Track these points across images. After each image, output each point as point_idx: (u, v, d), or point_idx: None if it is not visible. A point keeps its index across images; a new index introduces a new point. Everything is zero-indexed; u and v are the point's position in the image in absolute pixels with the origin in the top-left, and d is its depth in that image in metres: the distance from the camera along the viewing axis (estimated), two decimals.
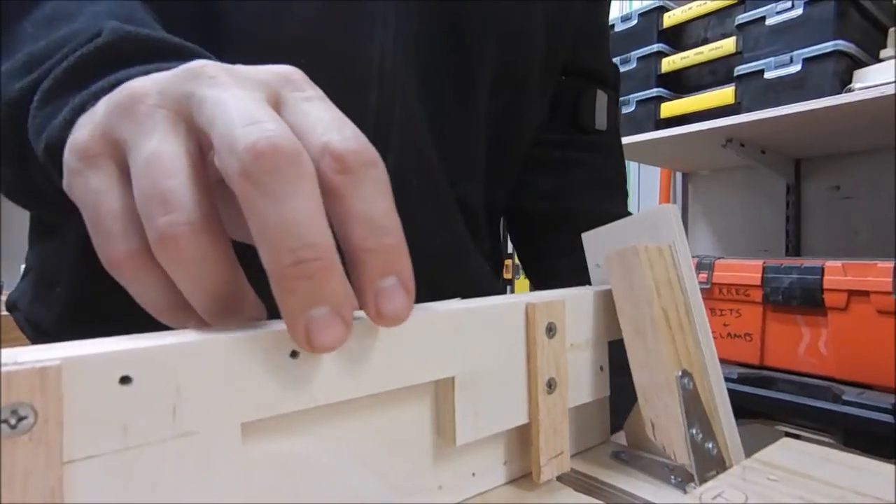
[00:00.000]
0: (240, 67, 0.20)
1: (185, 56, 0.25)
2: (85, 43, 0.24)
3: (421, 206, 0.43)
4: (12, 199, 0.29)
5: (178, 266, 0.17)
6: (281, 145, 0.16)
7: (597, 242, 0.34)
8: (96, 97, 0.21)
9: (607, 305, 0.31)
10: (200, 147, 0.19)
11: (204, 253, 0.17)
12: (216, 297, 0.18)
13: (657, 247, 0.29)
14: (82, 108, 0.21)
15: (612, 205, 0.59)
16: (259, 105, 0.18)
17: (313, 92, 0.20)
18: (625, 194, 0.63)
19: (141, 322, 0.19)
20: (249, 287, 0.20)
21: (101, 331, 0.18)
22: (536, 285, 0.61)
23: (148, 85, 0.19)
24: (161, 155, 0.18)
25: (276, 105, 0.19)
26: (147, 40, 0.25)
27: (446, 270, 0.44)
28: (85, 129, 0.20)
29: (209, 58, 0.24)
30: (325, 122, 0.18)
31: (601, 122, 0.60)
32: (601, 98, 0.59)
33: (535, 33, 0.49)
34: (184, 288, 0.18)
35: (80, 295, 0.40)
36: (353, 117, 0.19)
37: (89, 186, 0.19)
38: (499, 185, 0.54)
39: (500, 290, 0.53)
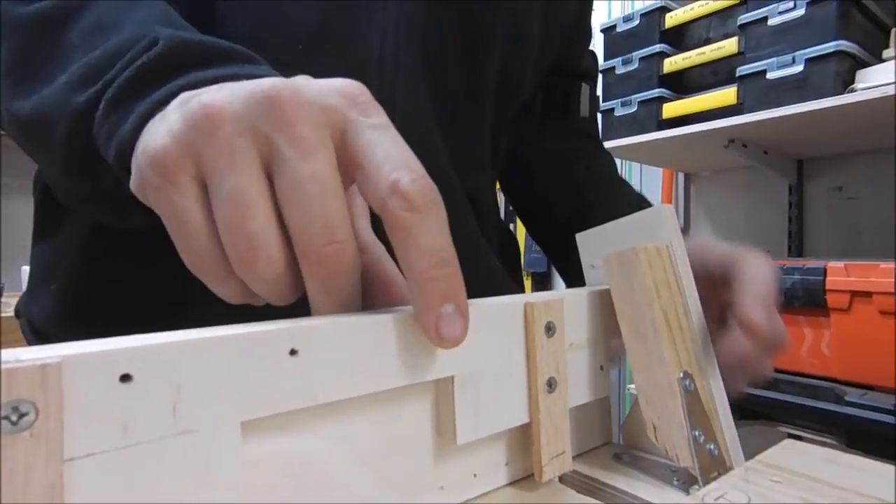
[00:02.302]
0: (307, 92, 0.20)
1: (237, 61, 0.26)
2: (144, 51, 0.25)
3: None
4: (77, 207, 0.30)
5: (256, 283, 0.20)
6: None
7: (592, 243, 0.34)
8: (160, 105, 0.23)
9: (606, 305, 0.30)
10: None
11: (279, 281, 0.20)
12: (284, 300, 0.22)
13: (655, 247, 0.29)
14: (149, 116, 0.23)
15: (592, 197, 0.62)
16: (340, 202, 0.20)
17: (379, 118, 0.21)
18: (611, 186, 0.64)
19: (133, 325, 0.20)
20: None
21: (92, 331, 0.18)
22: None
23: (222, 105, 0.20)
24: (244, 195, 0.19)
25: (343, 133, 0.21)
26: (202, 46, 0.26)
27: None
28: (160, 139, 0.20)
29: (260, 62, 0.27)
30: (393, 159, 0.20)
31: (584, 110, 0.64)
32: (584, 90, 0.63)
33: (532, 29, 0.49)
34: (259, 292, 0.21)
35: (75, 293, 0.41)
36: None
37: (175, 205, 0.20)
38: (495, 175, 0.55)
39: (515, 289, 0.53)
